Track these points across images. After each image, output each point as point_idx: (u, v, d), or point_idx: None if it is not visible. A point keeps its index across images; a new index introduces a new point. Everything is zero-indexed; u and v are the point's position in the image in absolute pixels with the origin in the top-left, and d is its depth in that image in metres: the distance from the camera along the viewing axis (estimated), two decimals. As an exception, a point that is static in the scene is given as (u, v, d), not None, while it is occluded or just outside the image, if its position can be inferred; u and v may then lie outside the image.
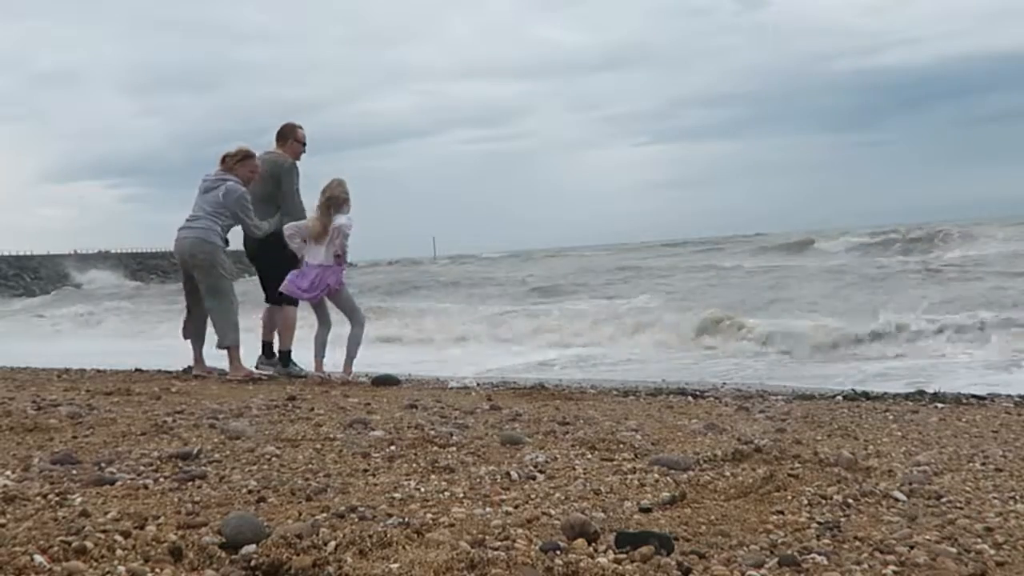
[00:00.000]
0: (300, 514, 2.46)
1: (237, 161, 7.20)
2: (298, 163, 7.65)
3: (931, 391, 5.93)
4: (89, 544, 2.07)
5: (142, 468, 3.10)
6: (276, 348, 7.56)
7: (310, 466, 3.16)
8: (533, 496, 2.72)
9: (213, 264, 7.09)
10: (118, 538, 2.13)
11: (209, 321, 7.24)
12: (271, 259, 7.44)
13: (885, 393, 5.97)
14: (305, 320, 7.80)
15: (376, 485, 2.85)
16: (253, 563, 2.02)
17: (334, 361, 7.25)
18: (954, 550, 2.16)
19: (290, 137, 7.60)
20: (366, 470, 3.12)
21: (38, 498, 2.61)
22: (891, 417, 4.76)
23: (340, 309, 7.37)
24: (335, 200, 7.14)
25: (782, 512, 2.51)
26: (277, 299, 7.48)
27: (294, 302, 7.46)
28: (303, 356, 7.55)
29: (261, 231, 7.29)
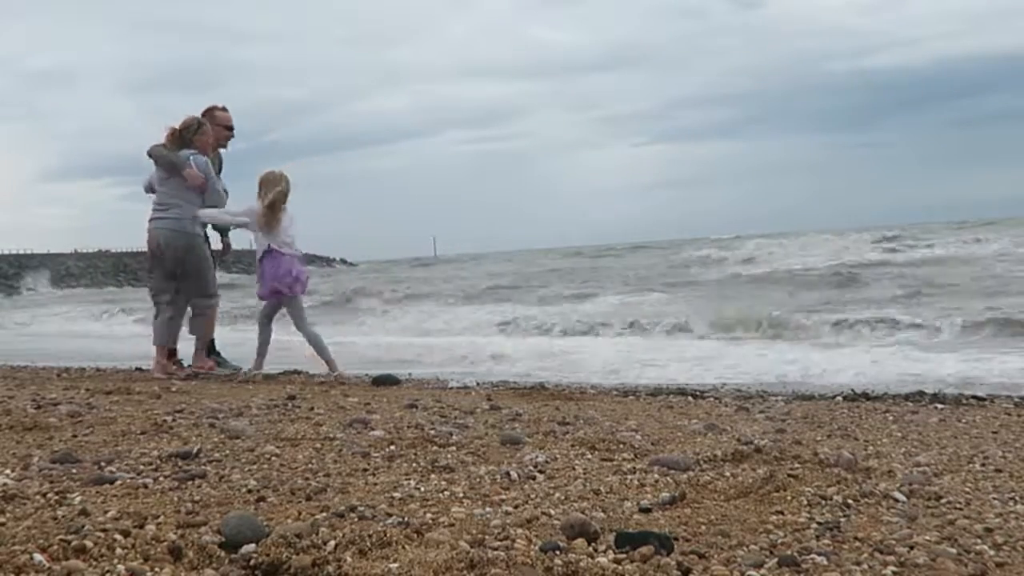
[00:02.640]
0: (300, 513, 2.46)
1: (194, 133, 6.88)
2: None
3: (931, 391, 5.93)
4: (88, 543, 2.07)
5: (142, 467, 3.10)
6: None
7: (310, 466, 3.16)
8: (533, 496, 2.72)
9: (201, 257, 6.97)
10: (118, 537, 2.13)
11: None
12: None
13: (885, 393, 5.97)
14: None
15: (376, 485, 2.85)
16: (252, 562, 2.02)
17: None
18: (954, 551, 2.16)
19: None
20: (366, 470, 3.12)
21: (37, 497, 2.61)
22: (891, 418, 4.76)
23: (294, 313, 7.35)
24: (286, 195, 7.15)
25: (782, 512, 2.51)
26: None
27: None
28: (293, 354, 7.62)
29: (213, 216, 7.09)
